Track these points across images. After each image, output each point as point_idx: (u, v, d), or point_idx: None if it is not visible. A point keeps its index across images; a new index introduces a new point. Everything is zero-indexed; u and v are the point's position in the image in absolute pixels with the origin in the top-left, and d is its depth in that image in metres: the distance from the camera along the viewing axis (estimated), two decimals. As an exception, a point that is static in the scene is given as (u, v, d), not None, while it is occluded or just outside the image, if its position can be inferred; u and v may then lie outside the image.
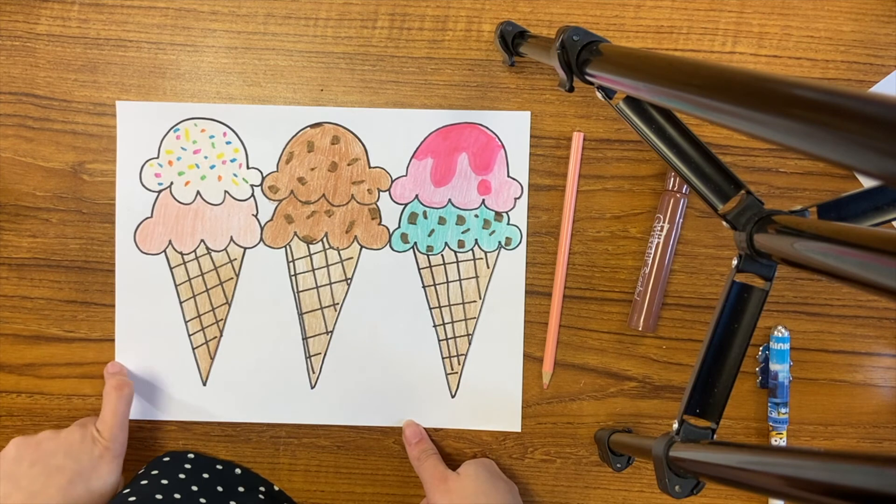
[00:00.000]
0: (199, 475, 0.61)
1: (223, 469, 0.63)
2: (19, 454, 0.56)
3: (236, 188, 0.63)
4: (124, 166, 0.63)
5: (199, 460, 0.63)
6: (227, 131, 0.63)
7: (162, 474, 0.59)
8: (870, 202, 0.45)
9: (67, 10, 0.62)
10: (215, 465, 0.63)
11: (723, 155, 0.62)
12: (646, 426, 0.63)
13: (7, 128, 0.63)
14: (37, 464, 0.55)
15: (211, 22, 0.62)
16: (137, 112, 0.63)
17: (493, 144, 0.63)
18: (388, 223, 0.63)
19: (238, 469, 0.63)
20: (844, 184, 0.62)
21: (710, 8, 0.62)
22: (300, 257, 0.63)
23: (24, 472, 0.55)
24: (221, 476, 0.62)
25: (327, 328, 0.63)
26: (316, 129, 0.63)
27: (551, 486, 0.64)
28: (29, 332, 0.63)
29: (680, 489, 0.43)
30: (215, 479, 0.61)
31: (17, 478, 0.55)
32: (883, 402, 0.63)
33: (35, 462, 0.55)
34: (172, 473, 0.60)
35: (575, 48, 0.44)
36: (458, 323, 0.63)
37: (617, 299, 0.63)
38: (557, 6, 0.62)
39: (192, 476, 0.60)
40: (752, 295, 0.44)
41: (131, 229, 0.63)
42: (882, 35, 0.62)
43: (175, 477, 0.59)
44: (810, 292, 0.62)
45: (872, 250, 0.30)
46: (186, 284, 0.63)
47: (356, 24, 0.62)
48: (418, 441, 0.62)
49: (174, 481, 0.59)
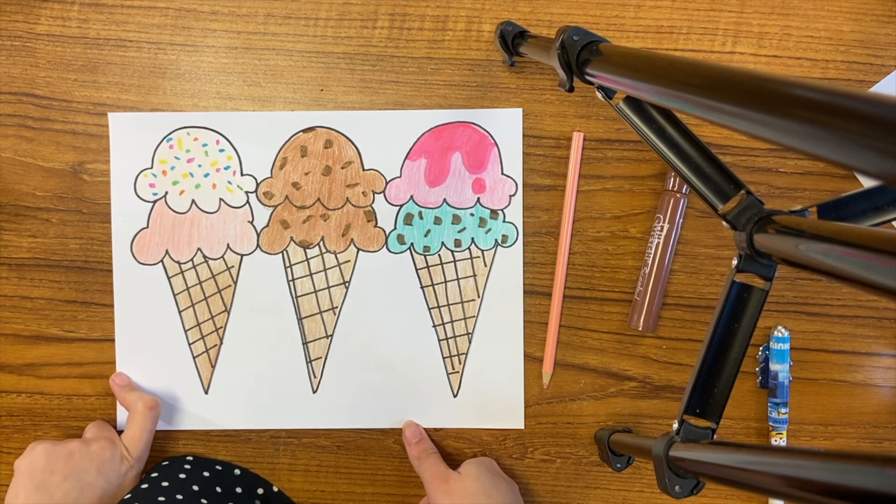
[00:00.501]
0: (200, 474, 0.61)
1: (222, 469, 0.63)
2: (50, 464, 0.56)
3: (231, 195, 0.63)
4: (118, 177, 0.63)
5: (198, 461, 0.63)
6: (219, 139, 0.63)
7: (162, 476, 0.59)
8: (870, 202, 0.45)
9: (67, 10, 0.62)
10: (214, 466, 0.63)
11: (723, 155, 0.62)
12: (646, 426, 0.63)
13: (7, 128, 0.63)
14: (69, 478, 0.55)
15: (211, 22, 0.62)
16: (130, 123, 0.63)
17: (486, 142, 0.63)
18: (383, 225, 0.63)
19: (237, 470, 0.63)
20: (844, 184, 0.62)
21: (710, 8, 0.62)
22: (297, 262, 0.63)
23: (57, 485, 0.55)
24: (220, 476, 0.62)
25: (327, 332, 0.63)
26: (309, 134, 0.63)
27: (551, 486, 0.64)
28: (29, 332, 0.63)
29: (680, 489, 0.43)
30: (214, 480, 0.61)
31: (51, 490, 0.55)
32: (883, 402, 0.63)
33: (68, 476, 0.55)
34: (173, 475, 0.60)
35: (575, 48, 0.44)
36: (458, 322, 0.63)
37: (617, 299, 0.63)
38: (557, 6, 0.62)
39: (192, 476, 0.60)
40: (752, 295, 0.44)
41: (128, 240, 0.63)
42: (882, 35, 0.62)
43: (175, 477, 0.59)
44: (810, 292, 0.62)
45: (872, 250, 0.30)
46: (185, 293, 0.63)
47: (356, 24, 0.62)
48: (418, 441, 0.62)
49: (175, 482, 0.59)
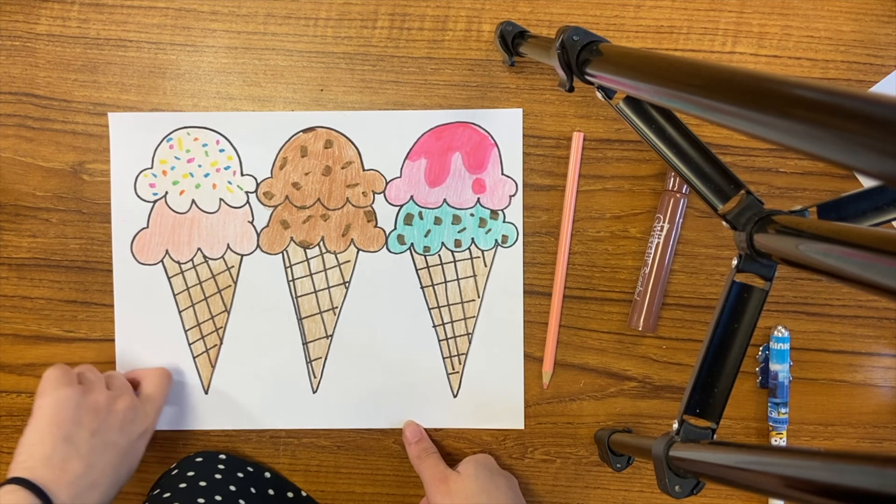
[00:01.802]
0: (234, 474, 0.61)
1: (254, 471, 0.62)
2: (79, 416, 0.54)
3: (231, 195, 0.63)
4: (118, 177, 0.63)
5: (231, 460, 0.62)
6: (220, 139, 0.63)
7: (199, 475, 0.59)
8: (870, 202, 0.45)
9: (67, 10, 0.62)
10: (246, 467, 0.62)
11: (723, 155, 0.62)
12: (646, 426, 0.63)
13: (7, 128, 0.63)
14: (97, 434, 0.54)
15: (211, 22, 0.62)
16: (130, 123, 0.63)
17: (486, 143, 0.63)
18: (383, 225, 0.63)
19: (267, 472, 0.63)
20: (844, 184, 0.62)
21: (710, 8, 0.62)
22: (297, 262, 0.63)
23: (84, 440, 0.54)
24: (254, 478, 0.62)
25: (327, 332, 0.63)
26: (309, 134, 0.63)
27: (551, 486, 0.64)
28: (29, 332, 0.63)
29: (680, 489, 0.43)
30: (249, 481, 0.61)
31: (78, 444, 0.53)
32: (883, 402, 0.63)
33: (96, 432, 0.54)
34: (208, 474, 0.59)
35: (575, 48, 0.44)
36: (458, 322, 0.63)
37: (617, 299, 0.63)
38: (557, 6, 0.62)
39: (227, 475, 0.60)
40: (752, 295, 0.44)
41: (128, 240, 0.63)
42: (882, 35, 0.62)
43: (212, 478, 0.59)
44: (810, 292, 0.62)
45: (872, 250, 0.30)
46: (185, 293, 0.63)
47: (356, 24, 0.62)
48: (418, 440, 0.62)
49: (212, 482, 0.58)
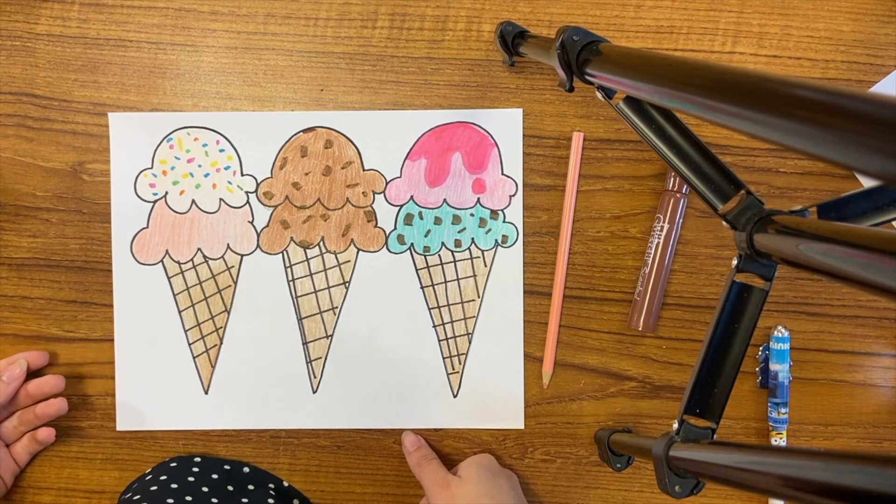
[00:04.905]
0: (209, 476, 0.61)
1: (231, 469, 0.63)
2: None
3: (231, 195, 0.63)
4: (118, 177, 0.63)
5: (207, 462, 0.62)
6: (220, 139, 0.63)
7: (171, 479, 0.59)
8: (870, 202, 0.45)
9: (67, 10, 0.62)
10: (223, 466, 0.62)
11: (723, 155, 0.62)
12: (646, 426, 0.63)
13: (7, 128, 0.63)
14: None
15: (211, 22, 0.62)
16: (130, 123, 0.63)
17: (486, 143, 0.63)
18: (383, 225, 0.63)
19: (246, 468, 0.63)
20: (844, 184, 0.62)
21: (710, 8, 0.62)
22: (297, 262, 0.63)
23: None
24: (230, 475, 0.62)
25: (327, 332, 0.63)
26: (309, 134, 0.63)
27: (551, 486, 0.64)
28: (29, 332, 0.63)
29: (680, 489, 0.43)
30: (224, 479, 0.61)
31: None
32: (883, 402, 0.63)
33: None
34: (181, 477, 0.60)
35: (575, 48, 0.44)
36: (458, 322, 0.63)
37: (617, 299, 0.63)
38: (557, 6, 0.62)
39: (201, 478, 0.60)
40: (752, 295, 0.44)
41: (128, 240, 0.63)
42: (882, 35, 0.62)
43: (184, 480, 0.59)
44: (810, 292, 0.62)
45: (872, 250, 0.30)
46: (185, 293, 0.63)
47: (356, 24, 0.62)
48: (417, 448, 0.62)
49: (184, 484, 0.59)
